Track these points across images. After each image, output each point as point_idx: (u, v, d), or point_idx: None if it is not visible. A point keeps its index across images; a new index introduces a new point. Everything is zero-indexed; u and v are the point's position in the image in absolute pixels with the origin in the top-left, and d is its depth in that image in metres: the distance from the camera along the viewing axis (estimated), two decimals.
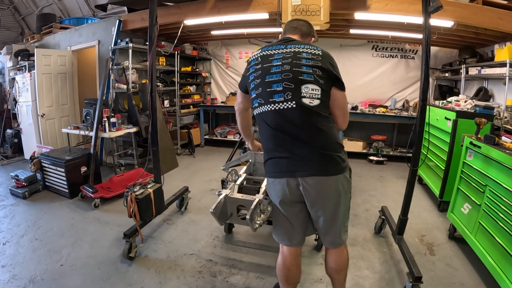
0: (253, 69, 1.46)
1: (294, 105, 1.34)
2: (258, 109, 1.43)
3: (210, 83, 6.60)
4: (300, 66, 1.36)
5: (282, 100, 1.35)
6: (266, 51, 1.47)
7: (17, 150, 5.16)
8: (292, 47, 1.42)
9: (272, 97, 1.37)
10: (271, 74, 1.38)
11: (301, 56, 1.38)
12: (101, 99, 3.64)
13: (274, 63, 1.39)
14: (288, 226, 1.54)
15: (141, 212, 2.39)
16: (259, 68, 1.43)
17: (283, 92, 1.35)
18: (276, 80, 1.37)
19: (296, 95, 1.34)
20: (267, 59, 1.42)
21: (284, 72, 1.36)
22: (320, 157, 1.36)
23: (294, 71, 1.35)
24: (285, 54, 1.40)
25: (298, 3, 3.36)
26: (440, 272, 2.22)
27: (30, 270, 2.17)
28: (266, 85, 1.39)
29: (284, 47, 1.44)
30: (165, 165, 4.28)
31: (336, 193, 1.41)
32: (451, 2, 3.31)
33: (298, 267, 1.62)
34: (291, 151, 1.38)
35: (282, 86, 1.35)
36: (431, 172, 3.61)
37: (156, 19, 2.39)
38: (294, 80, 1.35)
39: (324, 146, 1.36)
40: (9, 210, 3.16)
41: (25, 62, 5.27)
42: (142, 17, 4.32)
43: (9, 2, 8.17)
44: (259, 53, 1.49)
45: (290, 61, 1.37)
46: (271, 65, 1.40)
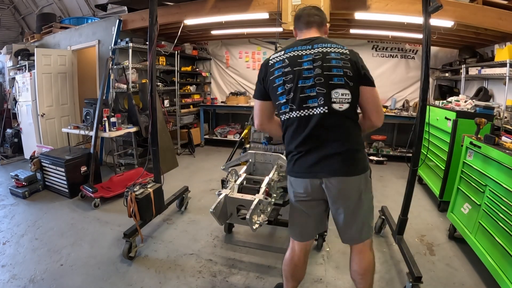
0: (279, 72, 1.38)
1: (326, 110, 1.34)
2: (289, 114, 1.40)
3: (210, 83, 6.60)
4: (331, 69, 1.34)
5: (316, 105, 1.34)
6: (292, 52, 1.40)
7: (17, 150, 5.16)
8: (319, 47, 1.38)
9: (306, 103, 1.35)
10: (303, 78, 1.35)
11: (330, 57, 1.35)
12: (101, 99, 3.64)
13: (305, 66, 1.35)
14: (303, 222, 1.55)
15: (141, 212, 2.40)
16: (289, 71, 1.37)
17: (316, 98, 1.34)
18: (310, 85, 1.34)
19: (328, 100, 1.34)
20: (296, 61, 1.37)
21: (317, 77, 1.34)
22: (344, 158, 1.38)
23: (325, 75, 1.33)
24: (314, 55, 1.36)
25: (298, 3, 3.36)
26: (440, 272, 2.22)
27: (30, 270, 2.17)
28: (299, 91, 1.35)
29: (310, 47, 1.39)
30: (165, 165, 4.28)
31: (357, 192, 1.43)
32: (451, 2, 3.31)
33: (305, 264, 1.65)
34: (317, 153, 1.38)
35: (315, 92, 1.34)
36: (431, 172, 3.61)
37: (156, 19, 2.39)
38: (325, 84, 1.34)
39: (348, 148, 1.38)
40: (9, 210, 3.16)
41: (25, 61, 5.27)
42: (142, 16, 4.32)
43: (9, 2, 8.17)
44: (282, 54, 1.41)
45: (321, 64, 1.34)
46: (302, 68, 1.35)
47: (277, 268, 2.24)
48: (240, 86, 6.30)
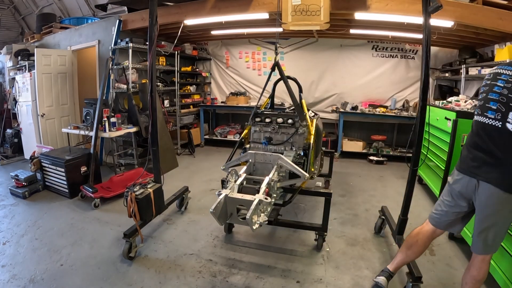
0: (485, 83, 1.62)
1: (499, 125, 1.49)
2: (476, 116, 1.63)
3: (210, 83, 6.60)
4: None
5: (493, 117, 1.52)
6: (498, 69, 1.58)
7: (17, 150, 5.16)
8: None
9: (486, 112, 1.55)
10: (492, 92, 1.54)
11: None
12: (101, 99, 3.65)
13: (498, 83, 1.53)
14: (444, 209, 1.74)
15: (141, 212, 2.40)
16: (488, 84, 1.58)
17: (495, 111, 1.51)
18: (494, 99, 1.52)
19: (504, 118, 1.47)
20: (495, 78, 1.55)
21: (502, 95, 1.49)
22: (499, 172, 1.49)
23: (509, 97, 1.47)
24: (509, 77, 1.50)
25: (298, 3, 3.36)
26: (440, 272, 2.22)
27: (30, 270, 2.17)
28: (486, 101, 1.56)
29: (510, 68, 1.53)
30: (165, 165, 4.28)
31: (501, 208, 1.52)
32: (451, 2, 3.31)
33: (424, 245, 1.85)
34: (482, 159, 1.54)
35: (496, 106, 1.51)
36: (431, 172, 3.60)
37: (156, 19, 2.39)
38: (506, 105, 1.47)
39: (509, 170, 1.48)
40: (9, 210, 3.16)
41: (25, 62, 5.27)
42: (142, 17, 4.32)
43: (9, 2, 8.17)
44: (494, 69, 1.61)
45: (510, 87, 1.47)
46: (495, 84, 1.54)
47: (277, 268, 2.24)
48: (240, 86, 6.30)
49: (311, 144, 2.51)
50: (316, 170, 2.95)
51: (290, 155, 2.39)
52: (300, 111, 2.59)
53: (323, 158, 3.47)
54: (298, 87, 3.03)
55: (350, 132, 5.81)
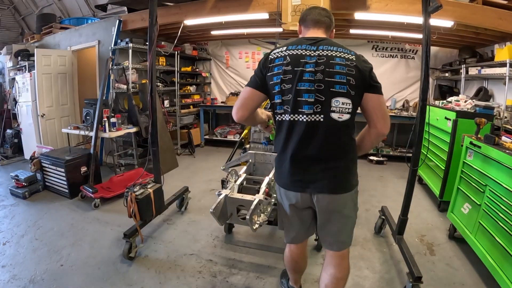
0: (279, 69, 1.28)
1: (322, 119, 1.27)
2: (281, 116, 1.33)
3: (210, 83, 6.60)
4: (333, 75, 1.24)
5: (311, 112, 1.27)
6: (294, 50, 1.29)
7: (17, 150, 5.16)
8: (325, 49, 1.28)
9: (301, 107, 1.27)
10: (303, 81, 1.25)
11: (335, 63, 1.25)
12: (101, 99, 3.64)
13: (306, 68, 1.25)
14: (296, 227, 1.54)
15: (141, 212, 2.40)
16: (289, 70, 1.26)
17: (313, 104, 1.26)
18: (309, 89, 1.25)
19: (326, 108, 1.26)
20: (298, 61, 1.26)
21: (317, 82, 1.25)
22: (334, 176, 1.34)
23: (327, 82, 1.24)
24: (318, 58, 1.26)
25: (298, 3, 3.36)
26: (440, 272, 2.22)
27: (30, 270, 2.17)
28: (297, 94, 1.26)
29: (315, 48, 1.28)
30: (165, 165, 4.28)
31: (345, 207, 1.42)
32: (451, 2, 3.31)
33: (304, 258, 1.71)
34: (306, 167, 1.34)
35: (313, 98, 1.25)
36: (431, 172, 3.61)
37: (156, 19, 2.39)
38: (325, 92, 1.25)
39: (341, 165, 1.34)
40: (9, 210, 3.16)
41: (25, 62, 5.27)
42: (142, 17, 4.32)
43: (9, 2, 8.17)
44: (284, 50, 1.30)
45: (323, 69, 1.24)
46: (303, 70, 1.25)
47: (277, 268, 2.24)
48: (240, 87, 6.30)
49: None
50: None
51: None
52: None
53: None
54: None
55: None
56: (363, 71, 1.27)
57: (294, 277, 1.83)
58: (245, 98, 1.36)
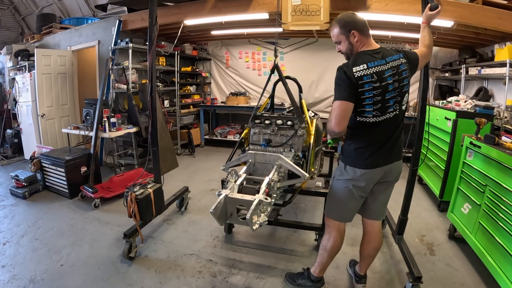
0: (369, 86, 1.55)
1: (397, 112, 1.65)
2: (372, 119, 1.62)
3: (210, 83, 6.60)
4: (403, 80, 1.62)
5: (392, 110, 1.63)
6: (375, 67, 1.56)
7: (17, 150, 5.16)
8: (391, 60, 1.60)
9: (388, 110, 1.62)
10: (389, 91, 1.59)
11: (401, 70, 1.61)
12: (101, 99, 3.64)
13: (388, 80, 1.57)
14: (355, 206, 1.81)
15: (141, 212, 2.40)
16: (378, 86, 1.56)
17: (393, 105, 1.62)
18: (392, 96, 1.61)
19: (400, 104, 1.65)
20: (382, 77, 1.56)
21: (396, 89, 1.60)
22: (399, 147, 1.75)
23: (401, 86, 1.61)
24: (392, 70, 1.58)
25: (298, 3, 3.36)
26: (440, 272, 2.22)
27: (30, 270, 2.17)
28: (386, 101, 1.60)
29: (385, 62, 1.58)
30: (165, 165, 4.28)
31: (399, 174, 1.84)
32: (451, 2, 3.31)
33: None
34: (387, 146, 1.68)
35: (394, 101, 1.62)
36: (431, 172, 3.60)
37: (156, 19, 2.39)
38: (401, 94, 1.63)
39: (401, 141, 1.76)
40: (9, 210, 3.16)
41: (25, 62, 5.27)
42: (142, 17, 4.32)
43: (9, 2, 8.17)
44: (369, 70, 1.55)
45: (398, 78, 1.59)
46: (387, 83, 1.57)
47: (277, 268, 2.24)
48: (240, 87, 6.30)
49: (311, 145, 2.51)
50: (316, 170, 2.95)
51: (289, 156, 2.39)
52: (299, 113, 2.59)
53: (323, 158, 3.46)
54: (298, 87, 3.03)
55: None
56: (412, 62, 1.68)
57: (329, 264, 1.95)
58: (344, 110, 1.55)
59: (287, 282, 2.06)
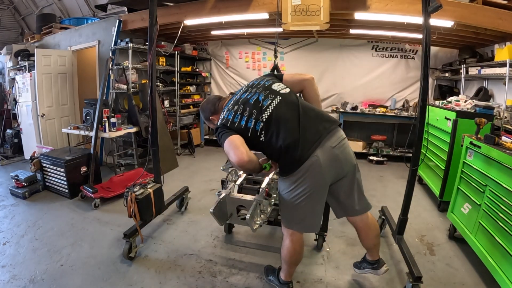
0: (229, 112, 1.73)
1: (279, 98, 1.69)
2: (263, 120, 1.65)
3: (210, 83, 6.60)
4: (259, 82, 1.82)
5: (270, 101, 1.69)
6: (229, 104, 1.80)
7: (17, 150, 5.16)
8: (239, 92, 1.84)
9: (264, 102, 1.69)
10: (250, 98, 1.74)
11: (253, 82, 1.87)
12: (101, 99, 3.65)
13: (243, 96, 1.76)
14: (315, 214, 1.71)
15: (141, 212, 2.40)
16: (233, 105, 1.76)
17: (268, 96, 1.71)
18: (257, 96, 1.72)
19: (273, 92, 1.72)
20: (235, 100, 1.78)
21: (256, 89, 1.76)
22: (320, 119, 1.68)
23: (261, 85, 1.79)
24: (243, 90, 1.83)
25: (298, 3, 3.36)
26: (440, 272, 2.22)
27: (30, 270, 2.17)
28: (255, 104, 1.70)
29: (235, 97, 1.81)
30: (165, 165, 4.28)
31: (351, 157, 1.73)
32: (451, 2, 3.31)
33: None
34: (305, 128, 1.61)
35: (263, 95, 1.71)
36: (431, 172, 3.61)
37: (156, 19, 2.39)
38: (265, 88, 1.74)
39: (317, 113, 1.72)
40: (9, 210, 3.16)
41: (25, 62, 5.27)
42: (142, 17, 4.32)
43: (9, 2, 8.17)
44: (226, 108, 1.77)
45: (253, 86, 1.81)
46: (242, 98, 1.76)
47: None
48: (240, 87, 6.26)
49: None
50: None
51: None
52: None
53: None
54: None
55: (350, 132, 5.80)
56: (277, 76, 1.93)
57: (292, 271, 1.91)
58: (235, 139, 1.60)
59: (263, 273, 2.10)
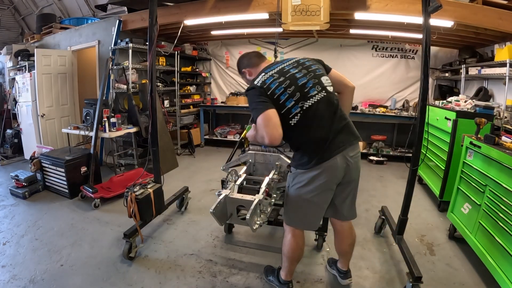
0: (275, 83, 1.61)
1: (325, 93, 1.67)
2: (301, 110, 1.61)
3: (210, 83, 6.60)
4: (310, 66, 1.73)
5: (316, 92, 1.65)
6: (272, 70, 1.69)
7: (17, 150, 5.16)
8: (287, 62, 1.75)
9: (310, 92, 1.63)
10: (299, 78, 1.66)
11: (302, 61, 1.77)
12: (101, 99, 3.65)
13: (292, 71, 1.68)
14: (318, 214, 1.76)
15: (141, 212, 2.40)
16: (283, 79, 1.63)
17: (314, 87, 1.65)
18: (306, 81, 1.65)
19: (321, 85, 1.67)
20: (284, 71, 1.68)
21: (308, 74, 1.68)
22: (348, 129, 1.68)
23: (313, 70, 1.72)
24: (292, 65, 1.72)
25: (298, 3, 3.36)
26: (440, 272, 2.22)
27: (30, 270, 2.17)
28: (302, 87, 1.64)
29: (281, 63, 1.73)
30: (165, 165, 4.28)
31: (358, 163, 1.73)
32: (451, 2, 3.31)
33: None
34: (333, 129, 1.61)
35: (312, 83, 1.66)
36: (431, 172, 3.61)
37: (156, 19, 2.39)
38: (315, 76, 1.69)
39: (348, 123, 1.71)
40: (9, 210, 3.16)
41: (25, 62, 5.27)
42: (142, 17, 4.32)
43: (9, 2, 8.17)
44: (267, 74, 1.65)
45: (303, 67, 1.73)
46: (292, 73, 1.67)
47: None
48: (240, 87, 6.30)
49: None
50: None
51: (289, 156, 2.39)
52: None
53: None
54: None
55: None
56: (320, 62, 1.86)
57: (293, 269, 1.93)
58: (270, 118, 1.53)
59: (263, 274, 2.11)
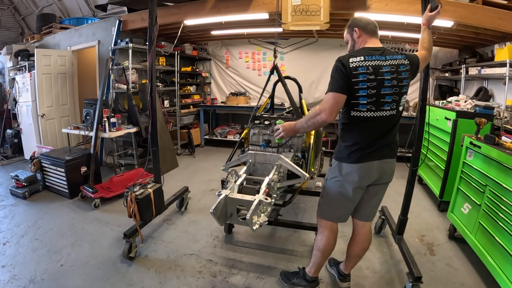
0: (364, 77, 1.55)
1: (395, 112, 1.65)
2: (367, 113, 1.61)
3: (210, 83, 6.60)
4: (402, 80, 1.61)
5: (389, 109, 1.62)
6: (372, 60, 1.57)
7: (17, 150, 5.16)
8: (391, 59, 1.60)
9: (384, 106, 1.60)
10: (385, 87, 1.58)
11: (401, 70, 1.60)
12: (101, 99, 3.64)
13: (385, 76, 1.57)
14: (350, 207, 1.82)
15: (141, 212, 2.40)
16: (373, 79, 1.55)
17: (391, 103, 1.61)
18: (389, 93, 1.59)
19: (397, 104, 1.64)
20: (379, 71, 1.56)
21: (394, 87, 1.59)
22: (394, 146, 1.77)
23: (399, 86, 1.61)
24: (390, 67, 1.58)
25: (298, 3, 3.36)
26: (440, 272, 2.22)
27: (30, 270, 2.17)
28: (381, 96, 1.58)
29: (384, 58, 1.59)
30: (165, 165, 4.28)
31: (392, 172, 1.82)
32: (451, 2, 3.31)
33: None
34: (382, 142, 1.68)
35: (391, 98, 1.60)
36: (431, 172, 3.60)
37: (156, 19, 2.39)
38: (398, 93, 1.62)
39: (397, 141, 1.81)
40: (9, 210, 3.16)
41: (25, 62, 5.27)
42: (142, 17, 4.32)
43: (9, 2, 8.17)
44: (363, 61, 1.56)
45: (396, 77, 1.59)
46: (383, 78, 1.57)
47: (277, 268, 2.24)
48: (240, 87, 6.30)
49: (311, 145, 2.51)
50: (316, 170, 2.95)
51: (289, 157, 2.39)
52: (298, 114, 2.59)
53: (323, 158, 3.47)
54: (298, 87, 3.03)
55: None
56: (413, 65, 1.67)
57: (324, 264, 1.97)
58: (337, 102, 1.58)
59: (282, 281, 2.07)
